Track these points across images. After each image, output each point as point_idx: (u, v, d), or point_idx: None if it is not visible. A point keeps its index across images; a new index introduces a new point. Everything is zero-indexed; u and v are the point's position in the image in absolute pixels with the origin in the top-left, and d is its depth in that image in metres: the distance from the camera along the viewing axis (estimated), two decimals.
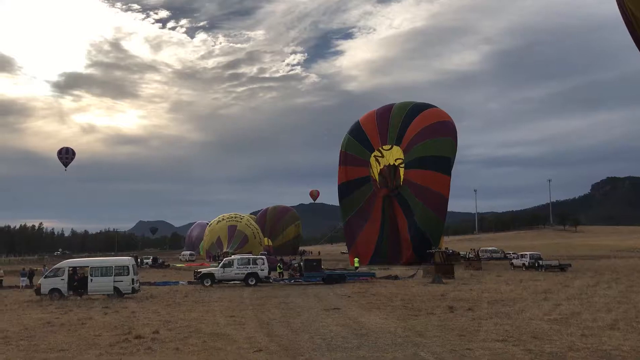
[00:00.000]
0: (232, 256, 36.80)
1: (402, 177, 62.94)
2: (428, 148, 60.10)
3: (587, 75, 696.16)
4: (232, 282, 33.84)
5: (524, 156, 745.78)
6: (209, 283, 33.17)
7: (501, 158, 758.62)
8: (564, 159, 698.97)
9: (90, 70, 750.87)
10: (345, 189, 66.77)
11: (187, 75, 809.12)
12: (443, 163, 59.88)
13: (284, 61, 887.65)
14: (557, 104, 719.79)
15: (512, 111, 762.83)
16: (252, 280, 33.40)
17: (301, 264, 37.86)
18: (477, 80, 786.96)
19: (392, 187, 64.06)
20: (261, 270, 33.90)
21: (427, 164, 59.43)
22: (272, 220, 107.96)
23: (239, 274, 33.73)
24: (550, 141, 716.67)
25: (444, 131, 61.47)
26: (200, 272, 35.03)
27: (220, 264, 35.02)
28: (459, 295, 25.09)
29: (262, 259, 35.47)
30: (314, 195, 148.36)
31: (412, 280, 36.63)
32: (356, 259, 48.61)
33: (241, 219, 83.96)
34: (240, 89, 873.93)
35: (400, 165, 63.25)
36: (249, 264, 34.05)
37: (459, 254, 67.84)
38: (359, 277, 36.12)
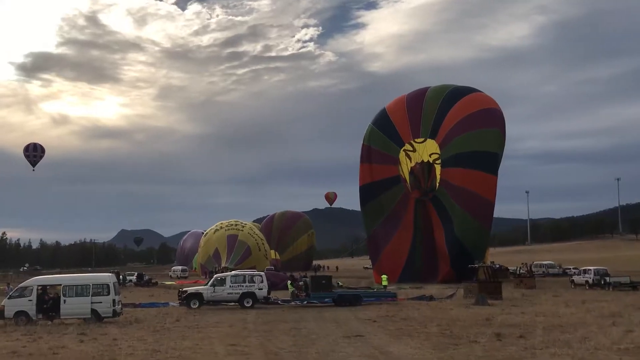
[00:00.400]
0: (225, 273, 36.78)
1: (438, 176, 62.87)
2: (470, 142, 59.77)
3: None
4: (226, 304, 33.86)
5: (587, 150, 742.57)
6: (197, 305, 33.14)
7: (559, 152, 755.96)
8: (637, 153, 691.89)
9: (62, 50, 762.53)
10: (368, 192, 66.90)
11: (178, 55, 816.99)
12: (489, 160, 59.61)
13: (293, 37, 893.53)
14: (629, 86, 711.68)
15: (572, 95, 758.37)
16: (248, 302, 33.40)
17: (307, 281, 37.83)
18: (529, 58, 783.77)
19: (426, 188, 64.07)
20: (259, 289, 33.91)
21: (469, 161, 59.09)
22: (279, 230, 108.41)
23: (232, 294, 33.72)
24: (619, 131, 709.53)
25: (489, 121, 61.07)
26: (186, 291, 34.83)
27: (210, 282, 34.95)
28: (507, 320, 24.94)
29: (261, 275, 35.51)
30: (331, 198, 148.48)
31: (451, 301, 36.55)
32: (384, 276, 48.65)
33: (243, 227, 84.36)
34: (241, 71, 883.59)
35: (437, 162, 63.16)
36: (245, 282, 34.04)
37: (508, 270, 67.61)
38: (378, 298, 35.89)
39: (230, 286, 33.81)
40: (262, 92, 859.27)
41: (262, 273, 37.17)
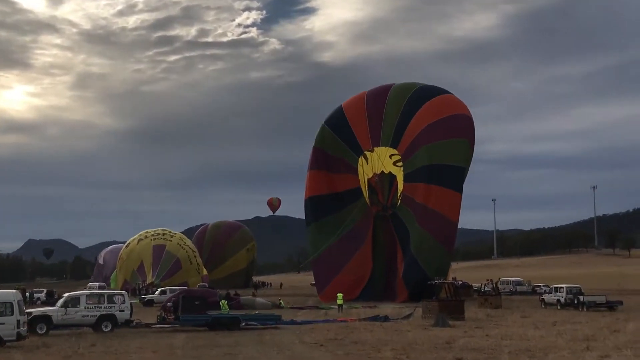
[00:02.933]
0: (80, 291, 35.71)
1: (400, 191, 62.94)
2: (436, 154, 59.63)
3: None
4: (77, 327, 32.69)
5: (560, 154, 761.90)
6: (44, 330, 31.69)
7: (529, 157, 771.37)
8: (615, 159, 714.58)
9: None
10: (323, 205, 65.69)
11: (99, 39, 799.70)
12: (455, 175, 59.63)
13: (233, 21, 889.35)
14: (607, 84, 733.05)
15: (543, 93, 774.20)
16: (106, 326, 32.49)
17: (178, 301, 37.54)
18: (497, 51, 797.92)
19: (386, 204, 64.35)
20: (120, 311, 33.20)
21: (434, 176, 59.08)
22: (213, 243, 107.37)
23: (87, 316, 32.70)
24: (596, 134, 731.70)
25: (458, 130, 60.92)
26: (31, 313, 32.23)
27: (61, 302, 33.58)
28: (470, 343, 25.34)
29: (122, 295, 34.69)
30: (275, 205, 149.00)
31: (408, 322, 36.85)
32: (339, 295, 48.99)
33: (171, 236, 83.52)
34: (172, 58, 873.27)
35: (398, 175, 63.21)
36: (103, 303, 33.26)
37: (471, 287, 68.76)
38: (261, 322, 35.37)
39: (85, 307, 32.80)
40: (196, 82, 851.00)
41: (123, 292, 36.16)
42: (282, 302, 53.32)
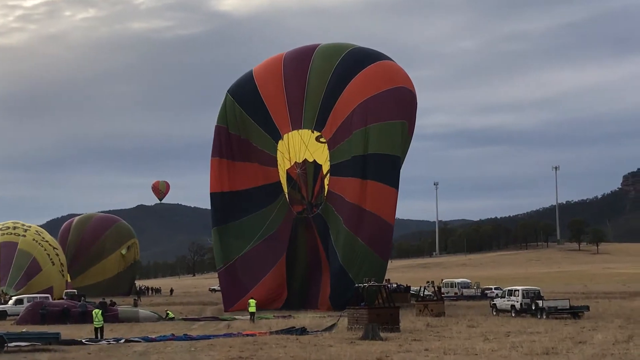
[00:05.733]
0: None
1: (326, 186, 62.48)
2: (374, 140, 59.64)
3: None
4: None
5: (515, 128, 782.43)
6: None
7: (477, 131, 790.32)
8: (580, 134, 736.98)
9: None
10: (234, 204, 65.15)
11: None
12: (392, 168, 60.31)
13: None
14: (570, 44, 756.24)
15: (495, 54, 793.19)
16: None
17: None
18: (440, 3, 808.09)
19: (311, 202, 64.18)
20: None
21: (370, 169, 59.32)
22: (79, 243, 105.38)
23: None
24: (557, 104, 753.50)
25: (397, 109, 60.85)
26: None
27: None
28: (406, 359, 25.52)
29: None
30: (161, 190, 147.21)
31: (331, 334, 36.93)
32: (252, 301, 48.86)
33: (25, 230, 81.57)
34: (30, 4, 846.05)
35: (325, 164, 62.86)
36: None
37: (409, 290, 69.66)
38: (35, 340, 35.03)
39: None
40: (61, 35, 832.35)
41: None
42: (170, 313, 52.71)
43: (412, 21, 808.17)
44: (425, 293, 58.81)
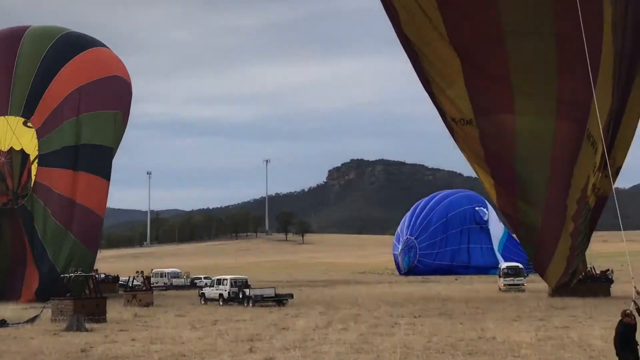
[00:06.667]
0: None
1: (33, 176, 60.02)
2: (86, 130, 59.39)
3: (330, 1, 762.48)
4: None
5: (229, 120, 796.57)
6: None
7: (191, 122, 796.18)
8: (290, 128, 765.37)
9: None
10: None
11: None
12: (103, 158, 60.33)
13: None
14: (282, 41, 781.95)
15: (212, 47, 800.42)
16: None
17: None
18: None
19: (17, 192, 60.91)
20: None
21: (82, 161, 58.82)
22: None
23: None
24: (269, 99, 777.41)
25: (111, 99, 61.29)
26: None
27: None
28: (111, 350, 25.56)
29: None
30: None
31: (32, 326, 36.14)
32: None
33: None
34: None
35: (32, 154, 60.45)
36: None
37: (117, 280, 69.07)
38: None
39: None
40: None
41: None
42: None
43: (128, 8, 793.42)
44: (134, 283, 58.81)
